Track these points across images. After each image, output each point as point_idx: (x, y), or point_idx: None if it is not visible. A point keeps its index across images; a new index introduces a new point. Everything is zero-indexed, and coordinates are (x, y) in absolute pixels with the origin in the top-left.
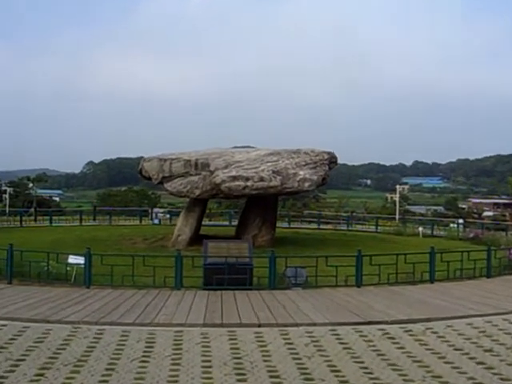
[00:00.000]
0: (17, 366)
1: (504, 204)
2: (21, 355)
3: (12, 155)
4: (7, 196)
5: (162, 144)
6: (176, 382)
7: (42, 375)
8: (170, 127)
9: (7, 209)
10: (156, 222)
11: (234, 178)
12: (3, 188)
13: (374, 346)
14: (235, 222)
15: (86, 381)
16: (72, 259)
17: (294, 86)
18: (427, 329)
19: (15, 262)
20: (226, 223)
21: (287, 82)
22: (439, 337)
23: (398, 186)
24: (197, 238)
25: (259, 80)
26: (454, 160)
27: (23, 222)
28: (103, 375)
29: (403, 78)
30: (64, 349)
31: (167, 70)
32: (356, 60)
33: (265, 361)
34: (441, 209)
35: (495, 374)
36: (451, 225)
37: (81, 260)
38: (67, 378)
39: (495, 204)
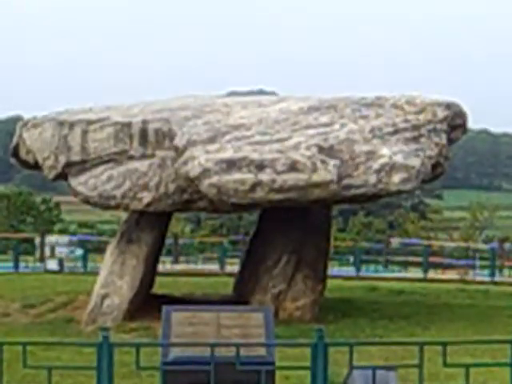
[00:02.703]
0: None
1: None
2: None
3: None
4: None
5: (71, 88)
6: None
7: None
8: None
9: None
10: (52, 266)
11: (231, 166)
12: None
13: None
14: (233, 267)
15: None
16: None
17: None
18: None
19: None
20: (214, 267)
21: None
22: None
23: None
24: (146, 303)
25: None
26: None
27: None
28: None
29: None
30: None
31: None
32: None
33: None
34: None
35: None
36: None
37: None
38: None
39: None
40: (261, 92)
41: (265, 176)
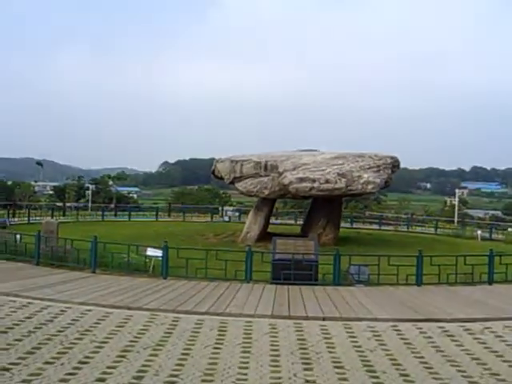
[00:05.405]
0: (101, 347)
1: None
2: (104, 338)
3: (93, 155)
4: (90, 192)
5: (233, 146)
6: (246, 368)
7: (123, 357)
8: (240, 129)
9: (90, 204)
10: (226, 219)
11: (302, 180)
12: (86, 185)
13: (433, 342)
14: (300, 222)
15: (164, 363)
16: (150, 252)
17: (359, 96)
18: (486, 328)
19: (99, 252)
20: (292, 222)
21: (350, 92)
22: (497, 336)
23: (457, 190)
24: (264, 236)
25: (323, 88)
26: None
27: (104, 217)
28: (179, 359)
29: (471, 82)
30: (143, 333)
31: (241, 76)
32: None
33: (329, 352)
34: (499, 213)
35: None
36: (509, 229)
37: (159, 253)
38: (146, 360)
39: None
40: (312, 150)
41: (315, 184)
